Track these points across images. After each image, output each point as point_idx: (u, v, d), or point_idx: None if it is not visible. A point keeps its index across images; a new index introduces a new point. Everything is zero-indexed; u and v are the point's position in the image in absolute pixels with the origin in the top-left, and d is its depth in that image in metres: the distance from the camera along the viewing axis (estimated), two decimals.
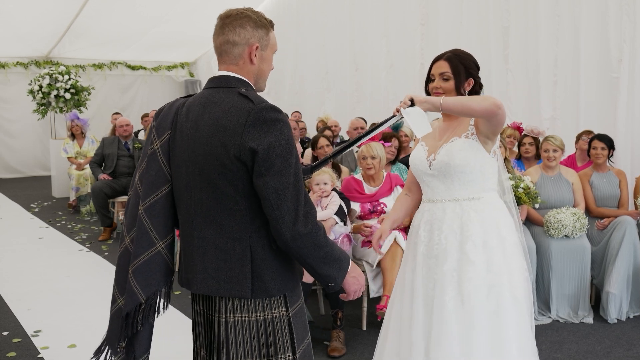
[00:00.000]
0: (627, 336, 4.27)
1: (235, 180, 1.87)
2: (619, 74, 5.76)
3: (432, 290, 2.60)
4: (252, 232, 1.90)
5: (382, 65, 9.04)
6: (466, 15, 7.46)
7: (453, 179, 2.63)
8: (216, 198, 1.90)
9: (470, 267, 2.54)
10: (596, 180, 5.01)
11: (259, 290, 1.91)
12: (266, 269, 1.91)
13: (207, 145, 1.88)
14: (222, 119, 1.86)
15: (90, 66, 14.38)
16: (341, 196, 4.49)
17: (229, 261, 1.91)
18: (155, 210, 2.01)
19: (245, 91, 1.91)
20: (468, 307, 2.51)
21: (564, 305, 4.65)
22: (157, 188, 2.01)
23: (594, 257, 4.76)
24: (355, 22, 9.64)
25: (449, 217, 2.63)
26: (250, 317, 1.94)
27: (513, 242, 2.63)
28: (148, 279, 2.00)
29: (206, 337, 2.05)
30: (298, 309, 2.02)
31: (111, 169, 7.62)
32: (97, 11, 10.94)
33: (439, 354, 2.51)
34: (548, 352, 3.98)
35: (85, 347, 4.10)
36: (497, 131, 2.60)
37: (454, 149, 2.61)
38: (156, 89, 15.25)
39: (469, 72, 2.64)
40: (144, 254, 2.00)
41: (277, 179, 1.82)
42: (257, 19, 1.97)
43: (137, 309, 2.01)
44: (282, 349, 1.95)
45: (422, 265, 2.67)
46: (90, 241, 7.36)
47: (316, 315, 4.69)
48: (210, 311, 2.00)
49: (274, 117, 1.84)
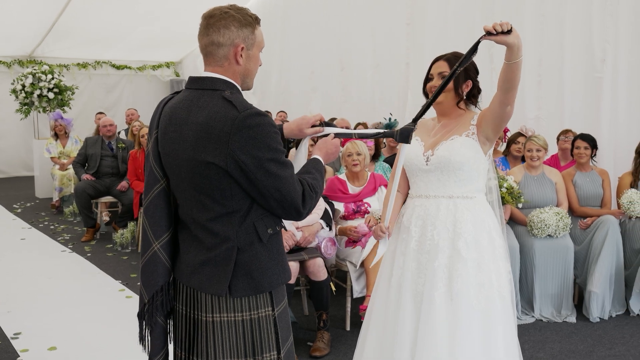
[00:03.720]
0: (609, 335, 4.28)
1: (221, 185, 1.87)
2: (602, 74, 5.79)
3: (422, 287, 2.61)
4: (241, 232, 1.92)
5: (368, 65, 9.03)
6: (451, 15, 7.47)
7: (449, 176, 2.63)
8: (202, 201, 1.92)
9: (461, 264, 2.55)
10: (579, 180, 5.03)
11: (249, 288, 1.92)
12: (255, 266, 1.92)
13: (192, 151, 1.88)
14: (206, 124, 1.84)
15: (74, 65, 14.24)
16: (325, 200, 4.48)
17: (214, 259, 1.92)
18: (150, 210, 2.03)
19: (229, 95, 1.88)
20: (456, 304, 2.52)
21: (547, 305, 4.66)
22: (150, 188, 2.03)
23: (577, 256, 4.78)
24: (341, 22, 9.63)
25: (442, 213, 2.64)
26: (237, 316, 1.93)
27: (500, 244, 2.65)
28: (149, 279, 2.03)
29: (187, 338, 2.04)
30: (283, 309, 2.03)
31: (94, 169, 7.54)
32: (82, 10, 10.84)
33: (424, 352, 2.51)
34: (531, 352, 3.99)
35: (65, 349, 4.06)
36: (499, 130, 2.61)
37: (455, 145, 2.61)
38: (141, 89, 15.14)
39: (468, 74, 2.64)
40: (145, 254, 2.04)
41: (274, 178, 1.85)
42: (242, 17, 1.93)
43: (144, 309, 2.05)
44: (267, 348, 1.95)
45: (413, 260, 2.67)
46: (73, 242, 7.29)
47: (300, 316, 4.67)
48: (195, 311, 1.99)
49: (258, 122, 1.83)
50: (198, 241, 1.96)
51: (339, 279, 4.81)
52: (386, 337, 2.68)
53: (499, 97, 2.46)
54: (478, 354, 2.49)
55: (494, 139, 2.63)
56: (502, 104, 2.47)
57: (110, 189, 7.50)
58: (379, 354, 2.70)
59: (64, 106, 10.51)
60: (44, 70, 10.25)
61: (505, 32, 2.23)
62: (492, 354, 2.50)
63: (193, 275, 1.97)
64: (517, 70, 2.35)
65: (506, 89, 2.42)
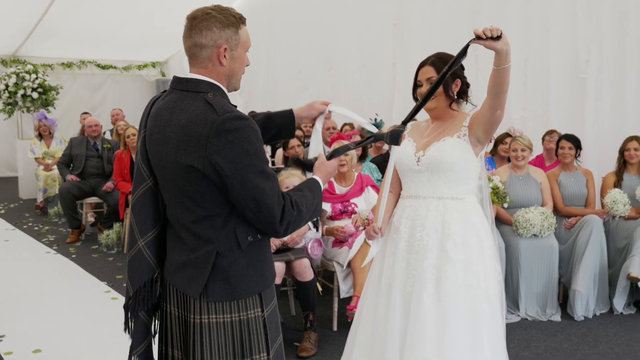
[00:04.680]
0: (593, 333, 4.32)
1: (201, 188, 1.86)
2: (587, 75, 5.84)
3: (411, 287, 2.62)
4: (222, 236, 1.91)
5: (356, 66, 9.04)
6: (438, 16, 7.49)
7: (440, 177, 2.64)
8: (184, 203, 1.92)
9: (449, 265, 2.56)
10: (564, 180, 5.07)
11: (224, 293, 1.91)
12: (232, 272, 1.91)
13: (174, 154, 1.87)
14: (187, 127, 1.84)
15: (58, 65, 14.12)
16: None
17: (195, 260, 1.93)
18: (136, 208, 2.04)
19: (212, 98, 1.87)
20: (444, 305, 2.53)
21: (533, 304, 4.69)
22: (137, 186, 2.04)
23: (562, 255, 4.82)
24: (329, 22, 9.62)
25: (432, 214, 2.65)
26: (226, 318, 1.93)
27: (489, 245, 2.66)
28: (134, 274, 2.05)
29: (182, 339, 2.04)
30: (272, 310, 2.03)
31: (79, 170, 7.48)
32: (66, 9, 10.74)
33: (413, 352, 2.52)
34: (517, 350, 4.01)
35: (50, 351, 4.03)
36: (490, 133, 2.62)
37: (446, 146, 2.62)
38: (127, 89, 15.03)
39: (455, 73, 2.63)
40: (131, 249, 2.05)
41: (252, 187, 1.82)
42: (224, 18, 1.91)
43: (128, 302, 2.06)
44: (256, 349, 1.95)
45: (402, 260, 2.67)
46: (58, 243, 7.23)
47: (287, 316, 4.67)
48: (185, 313, 1.99)
49: (238, 126, 1.81)
50: (182, 241, 1.97)
51: (326, 279, 4.82)
52: (376, 337, 2.69)
53: (489, 102, 2.48)
54: (465, 354, 2.51)
55: (485, 141, 2.64)
56: (492, 109, 2.49)
57: (96, 189, 7.44)
58: (369, 354, 2.71)
59: (49, 106, 10.42)
60: (27, 70, 10.16)
61: (494, 37, 2.23)
62: (478, 354, 2.52)
63: (176, 274, 1.99)
64: (505, 75, 2.36)
65: (495, 93, 2.43)
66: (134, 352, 2.09)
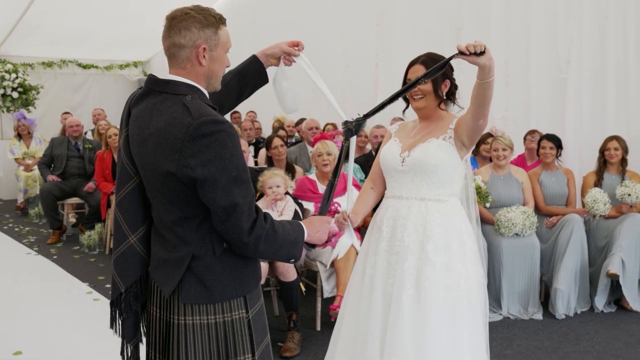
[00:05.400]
0: (574, 332, 4.37)
1: (177, 192, 1.86)
2: (567, 75, 5.90)
3: (392, 287, 2.61)
4: (198, 239, 1.90)
5: (338, 66, 9.05)
6: (420, 16, 7.52)
7: (423, 178, 2.63)
8: (164, 204, 1.92)
9: (429, 267, 2.55)
10: (545, 179, 5.12)
11: (200, 296, 1.90)
12: (208, 275, 1.90)
13: (151, 156, 1.87)
14: (164, 131, 1.82)
15: (39, 64, 13.96)
16: (295, 200, 4.47)
17: (172, 260, 1.92)
18: (124, 205, 2.02)
19: (189, 100, 1.85)
20: (424, 307, 2.52)
21: (515, 302, 4.73)
22: (124, 184, 2.02)
23: (543, 254, 4.86)
24: (311, 22, 9.62)
25: (413, 215, 2.64)
26: (209, 319, 1.92)
27: (471, 248, 2.65)
28: (125, 270, 2.03)
29: (162, 341, 2.02)
30: (258, 310, 2.02)
31: (60, 170, 7.41)
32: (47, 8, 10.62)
33: (393, 353, 2.52)
34: (499, 349, 4.04)
35: (31, 353, 3.98)
36: (474, 140, 2.62)
37: (431, 148, 2.62)
38: (109, 88, 14.90)
39: (445, 73, 2.64)
40: (119, 246, 2.03)
41: (222, 194, 1.80)
42: (203, 18, 1.89)
43: (119, 298, 2.04)
44: (241, 351, 1.94)
45: (383, 260, 2.67)
46: (39, 244, 7.16)
47: (270, 316, 4.66)
48: (168, 314, 1.98)
49: (213, 130, 1.78)
50: (165, 239, 1.97)
51: (309, 279, 4.82)
52: (358, 337, 2.68)
53: (472, 111, 2.49)
54: (445, 356, 2.50)
55: (470, 146, 2.64)
56: (474, 118, 2.50)
57: (77, 190, 7.38)
58: (351, 354, 2.70)
59: (29, 106, 10.33)
60: (7, 70, 10.06)
61: (477, 53, 2.23)
62: (458, 356, 2.51)
63: (156, 269, 1.99)
64: (489, 88, 2.37)
65: (478, 105, 2.45)
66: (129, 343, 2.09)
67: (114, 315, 2.08)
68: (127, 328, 2.08)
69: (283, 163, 5.53)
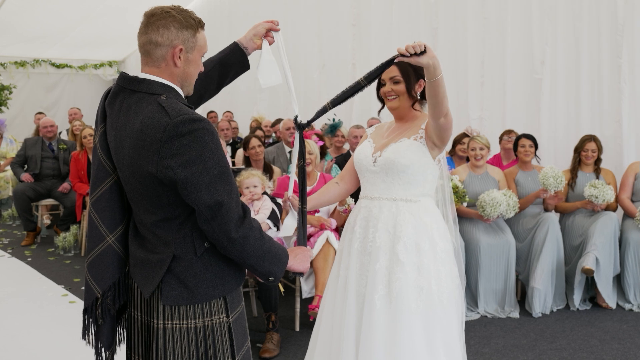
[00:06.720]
0: (551, 329, 4.42)
1: (157, 192, 1.84)
2: (542, 75, 5.97)
3: (364, 288, 2.61)
4: (179, 240, 1.88)
5: (315, 65, 9.05)
6: (396, 16, 7.56)
7: (394, 178, 2.63)
8: (144, 205, 1.90)
9: (399, 268, 2.55)
10: (521, 179, 5.17)
11: (181, 297, 1.88)
12: (190, 276, 1.88)
13: (129, 157, 1.84)
14: (141, 132, 1.80)
15: (11, 64, 13.77)
16: (272, 200, 4.46)
17: (152, 260, 1.91)
18: (101, 204, 1.98)
19: (165, 100, 1.82)
20: (395, 307, 2.52)
21: (491, 301, 4.77)
22: (100, 182, 1.98)
23: (519, 253, 4.91)
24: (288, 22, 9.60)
25: (385, 215, 2.63)
26: (189, 323, 1.90)
27: (444, 248, 2.64)
28: (102, 273, 1.98)
29: (144, 345, 2.00)
30: (239, 315, 2.00)
31: (35, 171, 7.30)
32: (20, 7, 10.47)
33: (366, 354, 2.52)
34: (477, 347, 4.07)
35: (6, 356, 3.93)
36: (443, 139, 2.60)
37: (401, 148, 2.61)
38: (83, 88, 14.75)
39: (419, 73, 2.63)
40: (95, 248, 1.98)
41: (206, 192, 1.78)
42: (183, 19, 1.88)
43: (94, 304, 1.98)
44: (221, 355, 1.92)
45: (356, 261, 2.66)
46: (13, 247, 7.06)
47: (249, 317, 4.64)
48: (149, 318, 1.96)
49: (191, 129, 1.76)
50: (143, 239, 1.95)
51: (288, 280, 4.81)
52: (334, 338, 2.68)
53: (430, 112, 2.49)
54: (418, 357, 2.49)
55: (441, 145, 2.63)
56: (434, 117, 2.49)
57: (52, 191, 7.28)
58: (328, 354, 2.70)
59: (1, 106, 10.16)
60: None
61: (418, 53, 2.24)
62: (433, 357, 2.51)
63: (135, 268, 1.97)
64: (438, 87, 2.37)
65: (433, 104, 2.45)
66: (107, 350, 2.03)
67: (86, 324, 2.02)
68: (104, 335, 2.02)
69: (261, 163, 5.51)
